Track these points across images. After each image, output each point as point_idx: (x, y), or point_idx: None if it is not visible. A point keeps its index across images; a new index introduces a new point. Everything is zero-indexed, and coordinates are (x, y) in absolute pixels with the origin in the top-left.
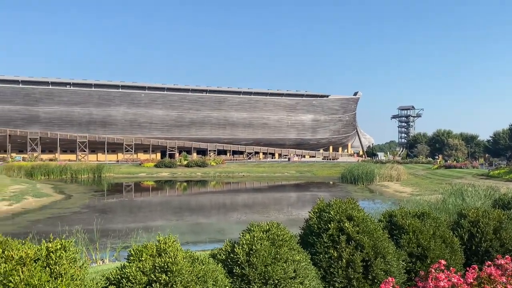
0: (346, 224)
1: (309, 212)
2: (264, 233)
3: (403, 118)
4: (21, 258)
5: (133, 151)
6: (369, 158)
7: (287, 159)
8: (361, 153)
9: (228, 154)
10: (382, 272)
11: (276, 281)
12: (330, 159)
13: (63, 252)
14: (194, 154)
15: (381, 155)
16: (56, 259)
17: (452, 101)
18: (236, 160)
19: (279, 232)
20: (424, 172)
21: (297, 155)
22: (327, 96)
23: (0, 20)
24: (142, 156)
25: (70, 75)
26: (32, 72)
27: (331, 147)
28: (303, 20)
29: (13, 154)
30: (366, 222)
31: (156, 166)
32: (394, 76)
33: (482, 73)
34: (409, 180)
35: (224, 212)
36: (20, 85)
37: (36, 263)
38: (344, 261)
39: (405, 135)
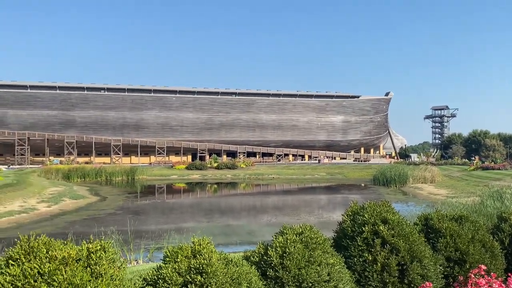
0: (381, 227)
1: (342, 215)
2: (297, 235)
3: (436, 118)
4: (64, 258)
5: (165, 153)
6: (401, 160)
7: (317, 161)
8: (393, 154)
9: (257, 156)
10: (419, 277)
11: (310, 284)
12: (361, 161)
13: (102, 253)
14: (224, 157)
15: (414, 157)
16: (96, 259)
17: (488, 100)
18: (266, 162)
19: (313, 235)
20: (459, 173)
21: (327, 157)
22: (358, 97)
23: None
24: (173, 158)
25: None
26: (59, 77)
27: (362, 149)
28: (330, 21)
29: (51, 158)
30: (401, 225)
31: (187, 168)
32: (427, 76)
33: None
34: (444, 182)
35: (254, 214)
36: (57, 91)
37: (77, 263)
38: (379, 264)
39: (439, 136)
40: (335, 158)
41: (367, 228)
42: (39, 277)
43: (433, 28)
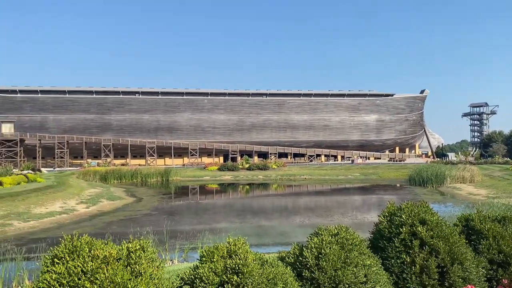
0: (419, 229)
1: (379, 216)
2: (333, 237)
3: (475, 116)
4: (105, 257)
5: (198, 155)
6: (438, 159)
7: (350, 161)
8: (429, 153)
9: (289, 157)
10: (460, 279)
11: (347, 286)
12: (396, 161)
13: (142, 252)
14: (255, 158)
15: (451, 156)
16: (136, 258)
17: None
18: (297, 162)
19: (348, 236)
20: (501, 173)
21: (361, 157)
22: (392, 95)
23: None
24: (206, 159)
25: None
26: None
27: (397, 148)
28: (362, 19)
29: (89, 160)
30: (440, 226)
31: (219, 169)
32: (464, 72)
33: None
34: (484, 181)
35: (286, 215)
36: (94, 95)
37: (118, 262)
38: (417, 266)
39: (478, 134)
40: (369, 158)
41: (404, 229)
42: (83, 275)
43: (470, 24)
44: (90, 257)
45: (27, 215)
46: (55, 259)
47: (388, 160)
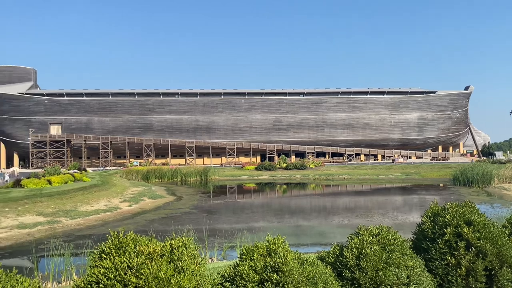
0: (465, 230)
1: (422, 216)
2: (374, 237)
3: None
4: (149, 253)
5: (235, 154)
6: (484, 158)
7: (391, 161)
8: (475, 152)
9: (327, 156)
10: (510, 283)
11: (388, 287)
12: (439, 160)
13: (184, 249)
14: (293, 157)
15: (499, 155)
16: (178, 255)
17: None
18: (336, 162)
19: (390, 237)
20: None
21: (402, 156)
22: (434, 92)
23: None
24: (243, 159)
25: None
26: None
27: (440, 147)
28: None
29: (131, 160)
30: (487, 227)
31: (256, 169)
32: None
33: None
34: None
35: (324, 215)
36: (136, 97)
37: (162, 258)
38: (463, 269)
39: None
40: (410, 157)
41: (449, 230)
42: (128, 270)
43: None
44: (135, 253)
45: (74, 212)
46: (103, 255)
47: (431, 159)
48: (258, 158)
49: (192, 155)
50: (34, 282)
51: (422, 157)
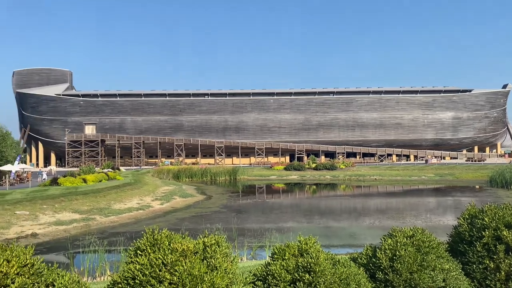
0: (505, 233)
1: (458, 218)
2: (408, 238)
3: None
4: (183, 251)
5: (264, 154)
6: None
7: (424, 161)
8: None
9: (357, 156)
10: None
11: None
12: (475, 161)
13: (217, 247)
14: (322, 157)
15: None
16: (211, 253)
17: None
18: (367, 162)
19: (425, 238)
20: None
21: (435, 156)
22: (470, 91)
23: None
24: (272, 159)
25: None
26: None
27: (476, 148)
28: (435, 12)
29: (163, 159)
30: None
31: (285, 169)
32: None
33: None
34: None
35: (355, 217)
36: (167, 98)
37: (195, 255)
38: (502, 273)
39: None
40: (444, 158)
41: (487, 232)
42: (163, 267)
43: None
44: (169, 250)
45: (107, 210)
46: (138, 251)
47: (466, 160)
48: (287, 158)
49: (221, 155)
50: (73, 276)
51: (456, 158)
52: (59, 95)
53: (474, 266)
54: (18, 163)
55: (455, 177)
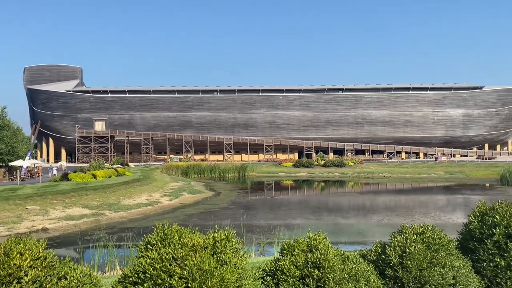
0: None
1: (469, 216)
2: (418, 235)
3: None
4: (193, 246)
5: (273, 151)
6: None
7: (433, 159)
8: None
9: (366, 154)
10: None
11: (433, 287)
12: (485, 158)
13: (227, 242)
14: (331, 154)
15: None
16: (221, 248)
17: None
18: (376, 160)
19: (435, 236)
20: None
21: (445, 154)
22: (481, 88)
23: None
24: (280, 156)
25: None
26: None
27: (486, 145)
28: (444, 9)
29: (171, 155)
30: None
31: (294, 166)
32: None
33: None
34: None
35: (363, 214)
36: (176, 94)
37: (205, 250)
38: None
39: None
40: (454, 156)
41: (498, 230)
42: (173, 262)
43: None
44: (180, 245)
45: (117, 206)
46: (149, 246)
47: (476, 158)
48: (296, 155)
49: (230, 152)
50: (85, 270)
51: (467, 156)
52: (70, 91)
53: (485, 263)
54: (29, 159)
55: (465, 175)
